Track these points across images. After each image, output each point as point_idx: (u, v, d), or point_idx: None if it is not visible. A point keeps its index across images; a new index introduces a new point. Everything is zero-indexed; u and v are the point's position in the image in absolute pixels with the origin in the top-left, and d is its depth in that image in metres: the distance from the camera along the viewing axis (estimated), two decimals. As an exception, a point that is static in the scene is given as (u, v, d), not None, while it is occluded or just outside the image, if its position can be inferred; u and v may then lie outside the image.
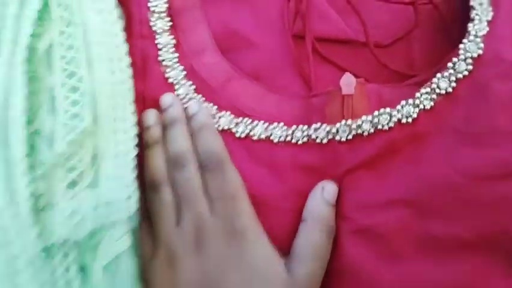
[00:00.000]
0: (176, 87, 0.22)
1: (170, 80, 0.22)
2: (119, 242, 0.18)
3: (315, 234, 0.20)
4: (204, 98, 0.22)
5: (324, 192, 0.20)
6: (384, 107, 0.20)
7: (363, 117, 0.20)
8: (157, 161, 0.21)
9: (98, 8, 0.20)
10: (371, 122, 0.20)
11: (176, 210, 0.20)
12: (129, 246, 0.18)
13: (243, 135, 0.21)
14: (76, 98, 0.19)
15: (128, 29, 0.22)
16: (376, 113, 0.20)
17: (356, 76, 0.21)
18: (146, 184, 0.21)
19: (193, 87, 0.22)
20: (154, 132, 0.21)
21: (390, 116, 0.20)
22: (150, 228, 0.21)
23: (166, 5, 0.23)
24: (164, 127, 0.22)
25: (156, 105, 0.22)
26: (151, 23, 0.23)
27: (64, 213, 0.18)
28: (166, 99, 0.22)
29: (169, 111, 0.22)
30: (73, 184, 0.18)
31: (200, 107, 0.22)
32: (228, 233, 0.20)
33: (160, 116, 0.22)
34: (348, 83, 0.20)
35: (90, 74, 0.19)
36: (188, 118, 0.22)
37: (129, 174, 0.19)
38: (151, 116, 0.22)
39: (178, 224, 0.20)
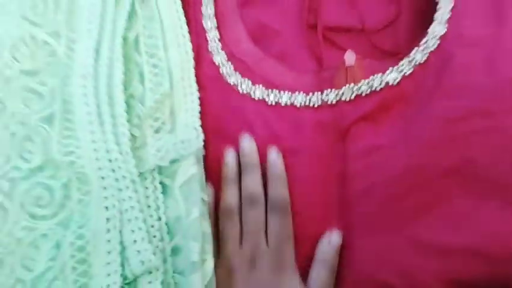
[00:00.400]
0: (220, 67, 0.30)
1: (216, 63, 0.30)
2: (191, 168, 0.26)
3: (323, 272, 0.26)
4: (240, 75, 0.29)
5: (331, 241, 0.27)
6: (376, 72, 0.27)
7: (362, 81, 0.27)
8: (233, 196, 0.27)
9: (169, 8, 0.28)
10: (367, 84, 0.27)
11: (240, 235, 0.27)
12: (197, 172, 0.26)
13: (273, 103, 0.28)
14: (156, 71, 0.27)
15: (188, 27, 0.30)
16: (371, 77, 0.27)
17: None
18: (220, 211, 0.28)
19: (233, 66, 0.30)
20: (232, 172, 0.27)
21: (381, 80, 0.27)
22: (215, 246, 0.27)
23: (213, 11, 0.31)
24: (243, 168, 0.28)
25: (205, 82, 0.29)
26: (203, 23, 0.30)
27: (152, 150, 0.26)
28: (246, 145, 0.27)
29: (248, 157, 0.27)
30: (158, 130, 0.26)
31: (278, 157, 0.27)
32: (275, 263, 0.26)
33: (236, 156, 0.28)
34: (350, 57, 0.28)
35: (166, 55, 0.27)
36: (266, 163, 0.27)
37: (196, 122, 0.26)
38: (231, 156, 0.28)
39: (240, 245, 0.27)
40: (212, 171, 0.28)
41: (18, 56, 0.27)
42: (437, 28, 0.27)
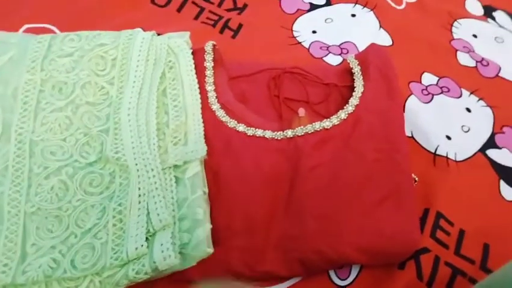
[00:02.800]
0: (216, 112, 0.44)
1: (213, 109, 0.44)
2: (196, 168, 0.39)
3: None
4: (229, 117, 0.44)
5: None
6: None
7: (308, 125, 0.43)
8: None
9: (187, 70, 0.44)
10: (312, 127, 0.42)
11: None
12: (200, 170, 0.39)
13: (251, 135, 0.43)
14: (177, 109, 0.41)
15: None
16: (313, 123, 0.43)
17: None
18: None
19: (224, 112, 0.44)
20: None
21: (320, 125, 0.43)
22: None
23: (212, 80, 0.47)
24: None
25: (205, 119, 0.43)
26: (206, 86, 0.46)
27: (171, 155, 0.39)
28: None
29: None
30: (176, 143, 0.40)
31: None
32: None
33: None
34: (301, 112, 0.44)
35: (183, 100, 0.42)
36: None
37: (201, 141, 0.40)
38: None
39: None
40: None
41: (85, 92, 0.41)
42: (354, 101, 0.45)
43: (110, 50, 0.43)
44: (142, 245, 0.34)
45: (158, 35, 0.47)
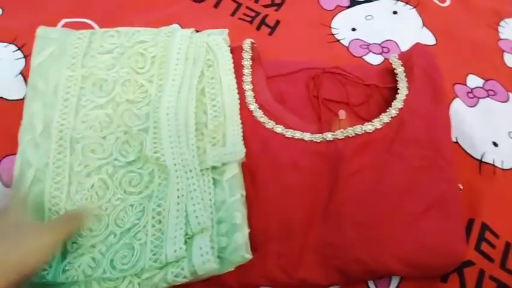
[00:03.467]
0: (253, 112, 0.43)
1: (251, 109, 0.43)
2: (234, 170, 0.38)
3: None
4: (267, 117, 0.43)
5: None
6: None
7: (349, 128, 0.41)
8: None
9: (226, 69, 0.43)
10: (353, 130, 0.41)
11: None
12: (238, 172, 0.38)
13: (289, 137, 0.42)
14: (215, 109, 0.41)
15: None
16: (354, 127, 0.41)
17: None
18: None
19: (262, 112, 0.43)
20: None
21: (361, 128, 0.41)
22: None
23: (250, 79, 0.46)
24: None
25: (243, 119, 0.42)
26: (243, 85, 0.45)
27: (210, 156, 0.38)
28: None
29: None
30: (214, 144, 0.39)
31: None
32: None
33: None
34: (342, 114, 0.43)
35: (222, 100, 0.41)
36: None
37: (240, 142, 0.39)
38: None
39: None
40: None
41: (125, 90, 0.41)
42: (397, 104, 0.43)
43: (150, 47, 0.43)
44: (180, 248, 0.33)
45: (197, 31, 0.46)
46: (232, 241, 0.34)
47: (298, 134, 0.42)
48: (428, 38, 0.55)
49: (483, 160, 0.45)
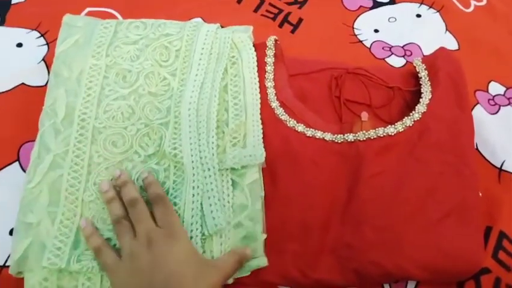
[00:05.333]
0: (275, 110, 0.43)
1: (272, 107, 0.43)
2: (255, 174, 0.38)
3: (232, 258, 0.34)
4: (289, 116, 0.43)
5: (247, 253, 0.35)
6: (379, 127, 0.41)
7: (371, 130, 0.41)
8: (117, 209, 0.35)
9: (249, 67, 0.42)
10: (375, 132, 0.41)
11: (132, 230, 0.34)
12: (259, 177, 0.38)
13: (310, 136, 0.42)
14: (237, 107, 0.40)
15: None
16: (377, 129, 0.41)
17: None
18: (112, 223, 0.34)
19: (283, 110, 0.43)
20: (110, 194, 0.35)
21: (383, 131, 0.41)
22: (111, 248, 0.34)
23: (272, 76, 0.45)
24: (120, 186, 0.36)
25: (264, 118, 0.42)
26: (266, 83, 0.45)
27: (229, 156, 0.38)
28: (117, 172, 0.36)
29: (120, 179, 0.36)
30: (234, 144, 0.39)
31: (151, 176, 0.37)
32: (168, 234, 0.33)
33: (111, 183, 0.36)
34: (364, 115, 0.42)
35: (244, 98, 0.41)
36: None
37: (260, 145, 0.39)
38: (105, 185, 0.36)
39: (135, 236, 0.33)
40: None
41: (148, 82, 0.41)
42: (421, 108, 0.42)
43: (175, 40, 0.42)
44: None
45: (222, 27, 0.46)
46: (249, 247, 0.34)
47: (319, 134, 0.42)
48: (451, 43, 0.54)
49: (503, 168, 0.45)
